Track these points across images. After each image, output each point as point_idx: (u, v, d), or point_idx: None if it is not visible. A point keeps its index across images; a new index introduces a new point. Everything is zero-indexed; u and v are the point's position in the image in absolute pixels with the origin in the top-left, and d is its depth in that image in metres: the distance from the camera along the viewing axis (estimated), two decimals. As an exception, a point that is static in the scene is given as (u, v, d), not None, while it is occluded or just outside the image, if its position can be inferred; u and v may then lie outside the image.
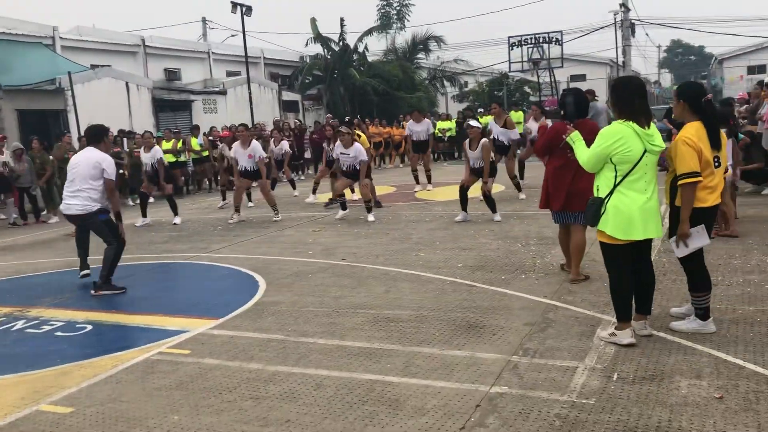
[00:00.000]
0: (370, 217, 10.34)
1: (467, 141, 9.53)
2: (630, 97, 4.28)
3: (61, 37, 21.84)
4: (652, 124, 4.32)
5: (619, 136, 4.23)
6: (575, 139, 4.65)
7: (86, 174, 6.77)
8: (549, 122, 10.08)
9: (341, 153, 10.64)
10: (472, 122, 9.76)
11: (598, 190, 4.42)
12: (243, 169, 11.12)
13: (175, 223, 11.46)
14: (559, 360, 4.17)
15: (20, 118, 17.65)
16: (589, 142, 4.53)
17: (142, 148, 12.05)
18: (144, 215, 11.76)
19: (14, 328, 5.71)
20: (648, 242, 4.43)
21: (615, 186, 4.30)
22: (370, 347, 4.63)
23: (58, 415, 3.85)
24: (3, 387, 4.35)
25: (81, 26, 24.69)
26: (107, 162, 6.87)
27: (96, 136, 7.14)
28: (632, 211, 4.25)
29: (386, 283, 6.38)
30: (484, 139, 9.40)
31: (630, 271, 4.40)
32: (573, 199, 5.80)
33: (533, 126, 12.32)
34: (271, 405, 3.79)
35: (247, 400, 3.87)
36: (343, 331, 5.01)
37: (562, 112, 5.84)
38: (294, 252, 8.22)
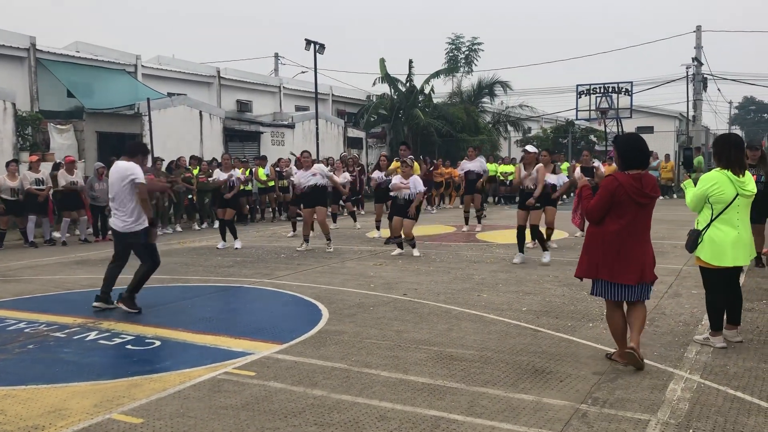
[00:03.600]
0: (415, 252, 10.56)
1: (520, 166, 10.08)
2: (728, 150, 5.17)
3: (143, 66, 22.87)
4: (747, 172, 5.13)
5: (715, 181, 5.14)
6: (687, 185, 5.47)
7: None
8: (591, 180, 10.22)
9: (401, 182, 10.75)
10: (529, 147, 10.25)
11: (697, 223, 5.28)
12: (306, 188, 11.28)
13: (236, 248, 11.74)
14: (630, 412, 4.05)
15: (100, 140, 18.48)
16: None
17: (219, 169, 12.55)
18: (224, 239, 12.13)
19: (87, 339, 5.90)
20: (738, 268, 5.32)
21: (711, 221, 5.17)
22: (433, 383, 4.59)
23: (130, 424, 3.95)
24: (77, 393, 4.49)
25: (161, 56, 25.81)
26: None
27: (132, 150, 7.12)
28: (725, 242, 5.12)
29: (448, 321, 6.34)
30: (539, 164, 9.95)
31: (723, 290, 5.29)
32: (647, 268, 4.79)
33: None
34: (335, 432, 3.79)
35: (311, 426, 3.89)
36: (406, 366, 4.99)
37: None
38: (356, 284, 8.27)
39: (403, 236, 10.73)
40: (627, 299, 4.86)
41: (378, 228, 13.57)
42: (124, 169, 6.93)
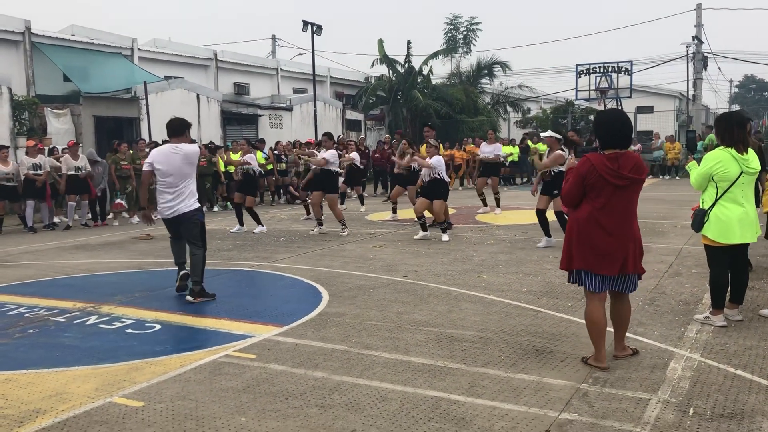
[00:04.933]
0: (444, 237, 10.33)
1: (544, 155, 9.57)
2: (731, 128, 5.20)
3: (139, 49, 22.72)
4: (750, 150, 5.26)
5: (719, 160, 5.17)
6: (692, 167, 5.47)
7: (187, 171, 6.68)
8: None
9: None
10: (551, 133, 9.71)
11: (703, 202, 5.32)
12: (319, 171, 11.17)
13: (254, 232, 11.70)
14: (630, 391, 4.05)
15: (97, 124, 18.40)
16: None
17: (233, 153, 12.46)
18: (241, 224, 12.07)
19: (88, 323, 5.90)
20: (745, 246, 5.42)
21: (717, 199, 5.20)
22: (434, 364, 4.60)
23: (131, 408, 3.95)
24: (78, 377, 4.50)
25: (158, 39, 25.63)
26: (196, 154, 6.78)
27: (179, 128, 6.73)
28: (731, 219, 5.16)
29: (449, 303, 6.34)
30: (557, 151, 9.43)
31: (727, 268, 5.35)
32: (630, 259, 4.37)
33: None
34: (336, 414, 3.80)
35: (312, 408, 3.89)
36: (407, 347, 4.99)
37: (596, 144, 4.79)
38: (356, 266, 8.26)
39: (435, 219, 10.60)
40: (608, 288, 4.44)
41: (394, 210, 13.44)
42: (194, 153, 6.75)
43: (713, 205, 5.23)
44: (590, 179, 4.30)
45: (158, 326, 5.79)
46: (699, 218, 5.30)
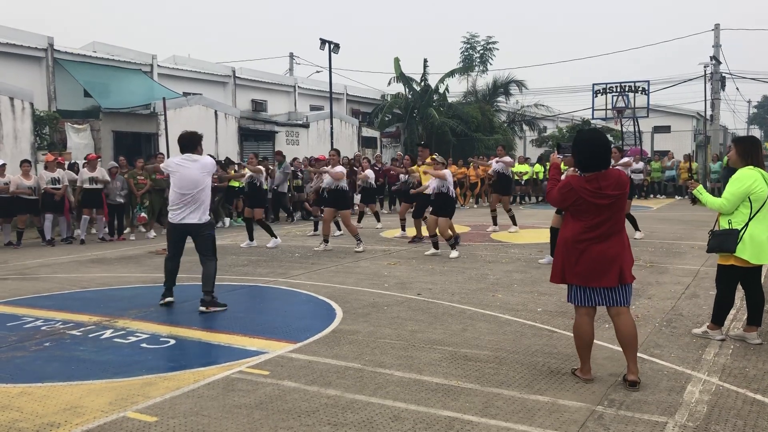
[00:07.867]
0: (453, 253, 10.37)
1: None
2: (757, 150, 5.36)
3: (158, 65, 23.02)
4: None
5: (755, 179, 5.20)
6: (702, 191, 5.51)
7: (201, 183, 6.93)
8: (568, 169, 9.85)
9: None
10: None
11: (730, 223, 5.26)
12: (327, 188, 11.25)
13: (268, 246, 11.79)
14: (647, 414, 4.00)
15: (116, 139, 18.62)
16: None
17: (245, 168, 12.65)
18: (251, 238, 12.17)
19: (103, 337, 5.94)
20: (759, 267, 5.36)
21: (750, 219, 5.18)
22: (447, 384, 4.57)
23: (144, 423, 3.96)
24: (92, 391, 4.51)
25: (177, 56, 25.97)
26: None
27: (192, 142, 7.04)
28: (763, 240, 5.17)
29: (463, 322, 6.30)
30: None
31: (735, 289, 5.43)
32: (626, 269, 4.41)
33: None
34: (349, 433, 3.78)
35: (325, 426, 3.87)
36: (421, 366, 4.96)
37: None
38: (370, 283, 8.25)
39: (439, 236, 10.62)
40: (605, 304, 4.44)
41: (403, 228, 13.52)
42: (212, 164, 7.11)
43: (746, 225, 5.18)
44: (569, 200, 4.41)
45: (173, 341, 5.81)
46: (732, 238, 5.18)
